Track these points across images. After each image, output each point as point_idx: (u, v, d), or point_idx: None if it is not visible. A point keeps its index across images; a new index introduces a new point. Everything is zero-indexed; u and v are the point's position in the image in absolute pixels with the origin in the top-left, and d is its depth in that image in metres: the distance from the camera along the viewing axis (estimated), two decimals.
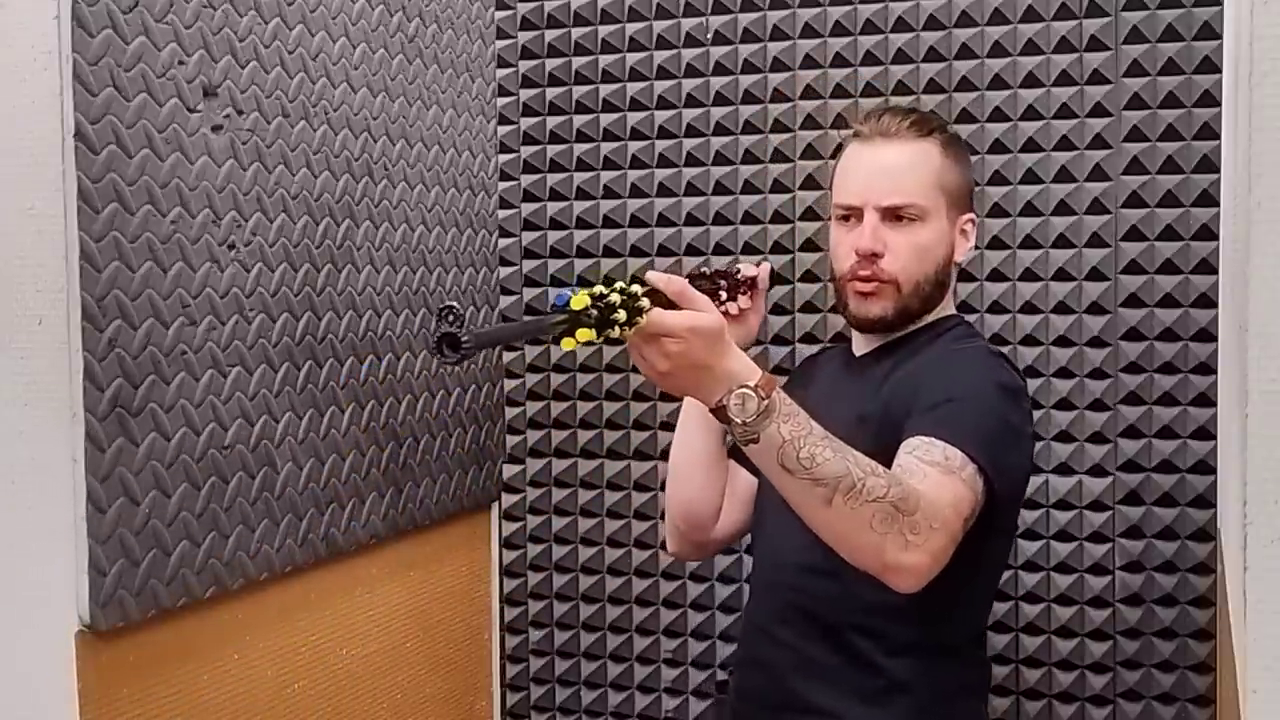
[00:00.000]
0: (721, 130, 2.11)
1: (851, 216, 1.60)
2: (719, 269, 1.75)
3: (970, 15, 1.98)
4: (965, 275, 1.96)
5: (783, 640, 1.59)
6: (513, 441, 2.24)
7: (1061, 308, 1.96)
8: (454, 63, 2.06)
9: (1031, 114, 1.96)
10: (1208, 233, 1.90)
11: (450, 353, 1.13)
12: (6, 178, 1.33)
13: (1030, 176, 1.96)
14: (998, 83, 1.97)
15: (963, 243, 1.63)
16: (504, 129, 2.21)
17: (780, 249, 2.08)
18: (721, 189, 2.11)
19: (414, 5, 1.95)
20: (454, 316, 1.13)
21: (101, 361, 1.35)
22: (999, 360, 1.60)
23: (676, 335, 1.25)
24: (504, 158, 2.21)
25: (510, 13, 2.19)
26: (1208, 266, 1.90)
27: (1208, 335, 1.90)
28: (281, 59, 1.65)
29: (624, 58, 2.14)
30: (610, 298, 1.21)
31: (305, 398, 1.69)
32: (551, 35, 2.18)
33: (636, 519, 2.18)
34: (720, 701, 1.86)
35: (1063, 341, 1.96)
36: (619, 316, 1.21)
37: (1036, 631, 1.99)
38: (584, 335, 1.20)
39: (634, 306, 1.23)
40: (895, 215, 1.57)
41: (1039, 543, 1.98)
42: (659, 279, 1.28)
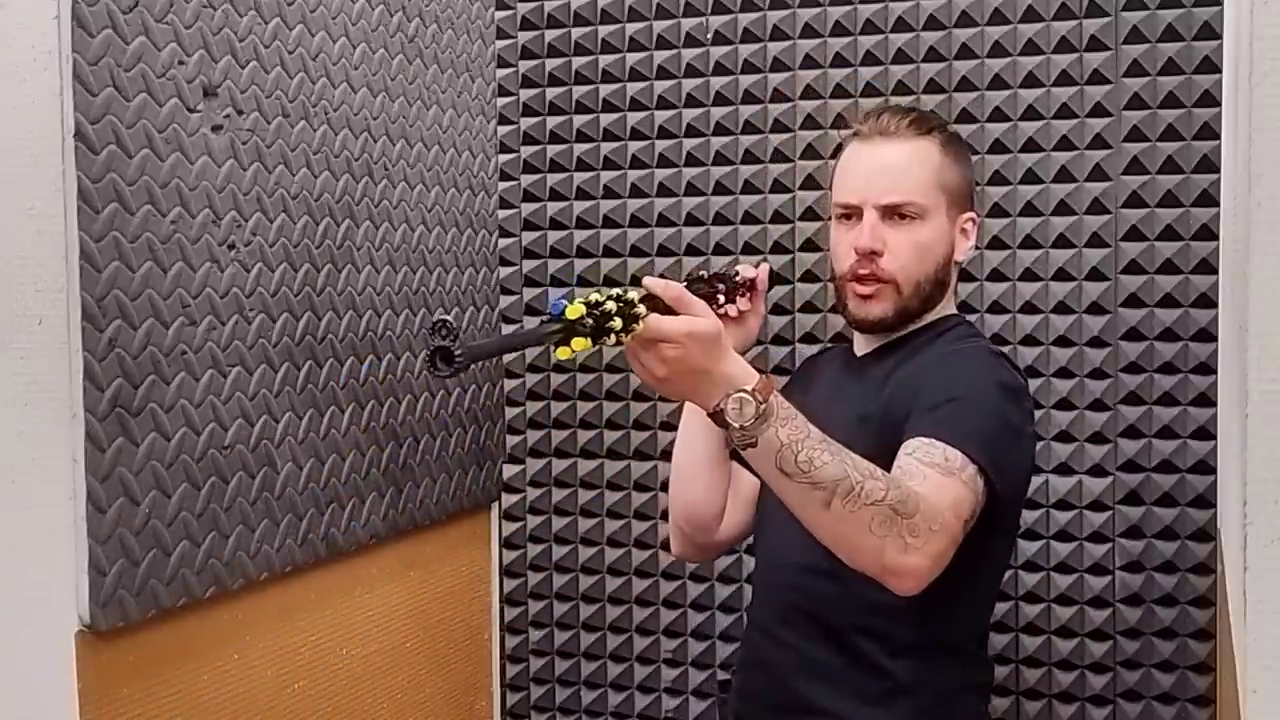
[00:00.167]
0: (721, 130, 2.10)
1: (851, 215, 1.60)
2: (717, 272, 1.74)
3: (970, 15, 1.98)
4: (965, 275, 1.95)
5: (785, 641, 1.59)
6: (513, 441, 2.24)
7: (1061, 308, 1.96)
8: (454, 63, 2.06)
9: (1031, 114, 1.96)
10: (1208, 233, 1.90)
11: (444, 366, 1.13)
12: (6, 178, 1.33)
13: (1030, 176, 1.96)
14: (998, 83, 1.97)
15: (963, 241, 1.63)
16: (504, 129, 2.21)
17: (780, 249, 2.08)
18: (721, 189, 2.11)
19: (414, 5, 1.95)
20: (447, 330, 1.13)
21: (101, 361, 1.35)
22: (999, 359, 1.60)
23: (674, 341, 1.24)
24: (504, 158, 2.21)
25: (510, 13, 2.19)
26: (1208, 266, 1.90)
27: (1208, 335, 1.90)
28: (281, 59, 1.65)
29: (624, 58, 2.14)
30: (606, 305, 1.21)
31: (305, 398, 1.69)
32: (551, 35, 2.18)
33: (636, 519, 2.18)
34: (722, 702, 1.85)
35: (1063, 341, 1.96)
36: (614, 324, 1.21)
37: (1036, 631, 1.99)
38: (579, 344, 1.19)
39: (630, 313, 1.23)
40: (895, 214, 1.57)
41: (1039, 543, 1.98)
42: (656, 284, 1.28)
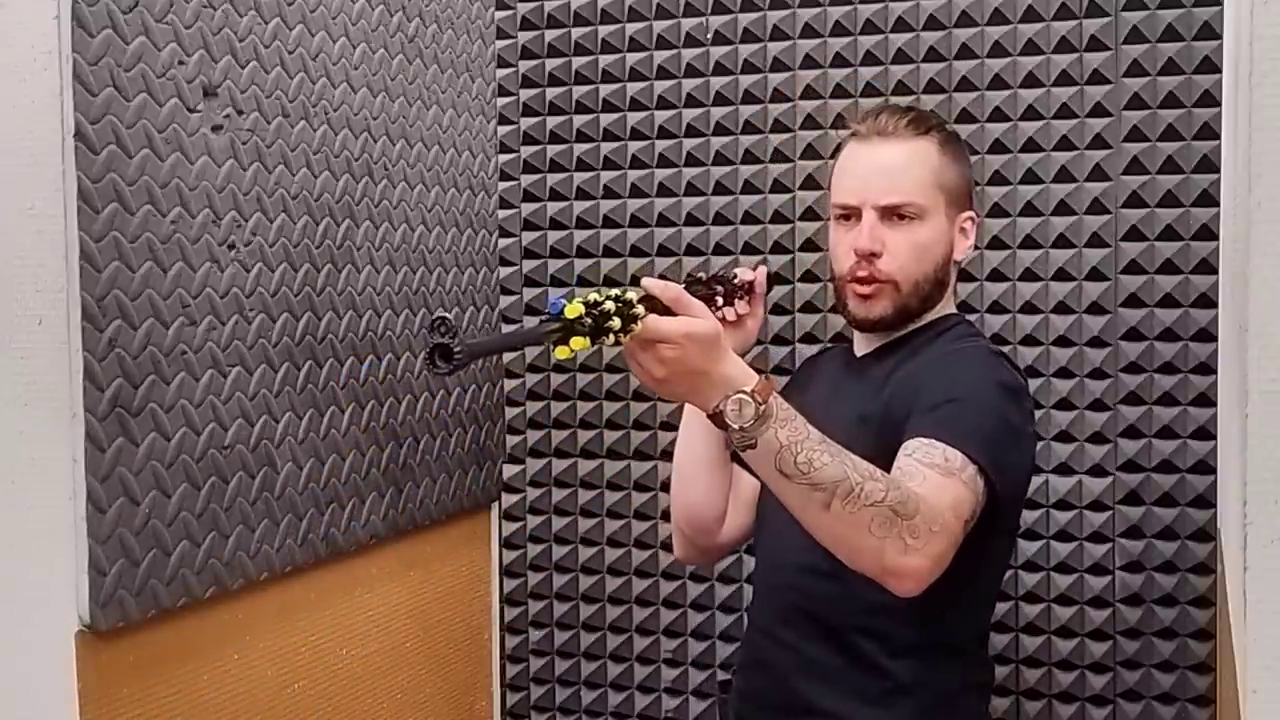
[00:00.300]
0: (721, 130, 2.10)
1: (850, 216, 1.60)
2: (715, 274, 1.74)
3: (970, 15, 1.98)
4: (965, 275, 1.96)
5: (785, 642, 1.59)
6: (513, 441, 2.24)
7: (1061, 308, 1.96)
8: (454, 63, 2.06)
9: (1031, 114, 1.96)
10: (1208, 233, 1.90)
11: (443, 364, 1.13)
12: (6, 178, 1.33)
13: (1030, 176, 1.96)
14: (998, 83, 1.97)
15: (962, 241, 1.63)
16: (504, 129, 2.21)
17: (780, 249, 2.08)
18: (721, 189, 2.11)
19: (414, 5, 1.95)
20: (446, 327, 1.13)
21: (101, 361, 1.35)
22: (999, 359, 1.60)
23: (672, 341, 1.24)
24: (504, 158, 2.21)
25: (510, 13, 2.19)
26: (1208, 266, 1.90)
27: (1208, 335, 1.90)
28: (281, 59, 1.65)
29: (624, 58, 2.14)
30: (604, 305, 1.21)
31: (305, 398, 1.69)
32: (551, 35, 2.18)
33: (636, 519, 2.18)
34: (722, 702, 1.85)
35: (1063, 341, 1.96)
36: (613, 324, 1.21)
37: (1036, 631, 1.99)
38: (578, 344, 1.19)
39: (629, 313, 1.23)
40: (893, 214, 1.57)
41: (1039, 543, 1.98)
42: (654, 285, 1.27)
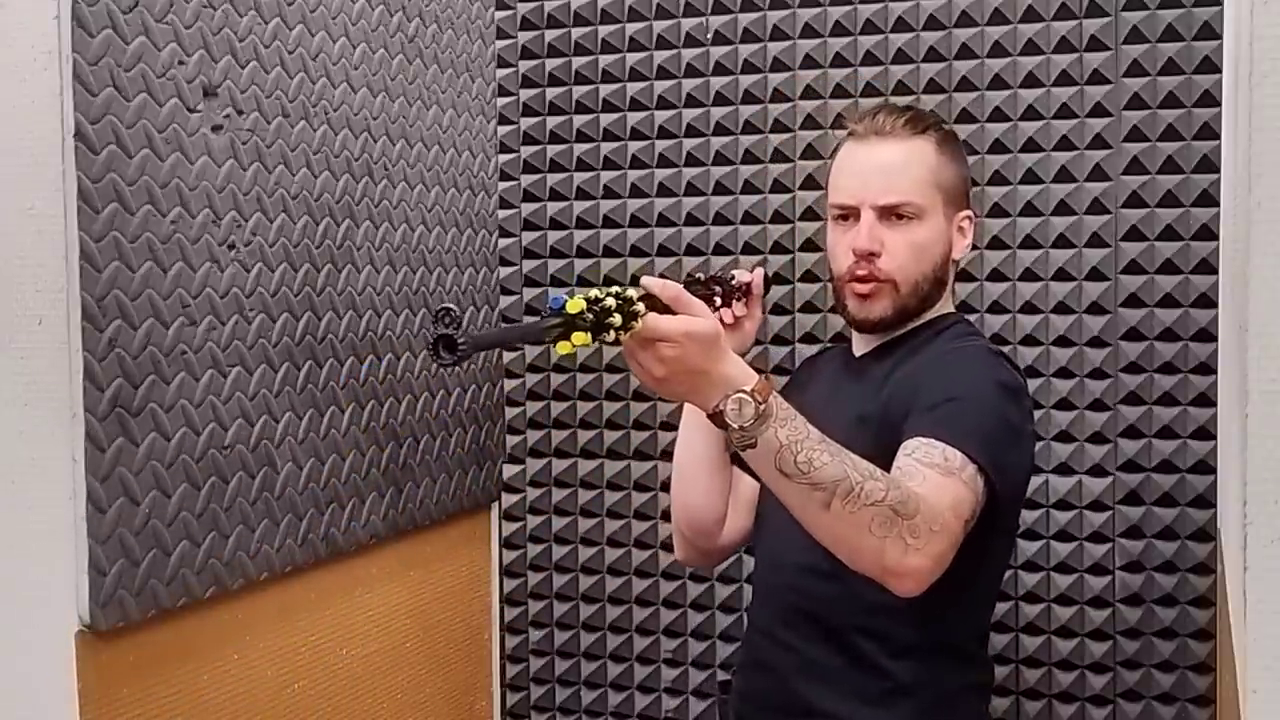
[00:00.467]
0: (721, 130, 2.10)
1: (848, 216, 1.60)
2: (714, 274, 1.74)
3: (970, 15, 1.98)
4: (965, 275, 1.96)
5: (785, 642, 1.59)
6: (513, 441, 2.24)
7: (1061, 308, 1.96)
8: (454, 63, 2.06)
9: (1031, 114, 1.96)
10: (1208, 233, 1.90)
11: (446, 355, 1.13)
12: (6, 178, 1.33)
13: (1030, 176, 1.96)
14: (998, 83, 1.97)
15: (960, 240, 1.63)
16: (504, 129, 2.21)
17: (780, 249, 2.08)
18: (721, 189, 2.11)
19: (414, 5, 1.95)
20: (450, 318, 1.13)
21: (101, 361, 1.35)
22: (998, 359, 1.60)
23: (672, 340, 1.24)
24: (504, 158, 2.21)
25: (510, 13, 2.19)
26: (1208, 266, 1.90)
27: (1208, 335, 1.90)
28: (281, 59, 1.65)
29: (624, 58, 2.14)
30: (605, 302, 1.21)
31: (305, 398, 1.69)
32: (551, 35, 2.18)
33: (636, 519, 2.18)
34: (722, 702, 1.85)
35: (1063, 341, 1.96)
36: (614, 321, 1.21)
37: (1036, 631, 1.99)
38: (579, 339, 1.19)
39: (629, 311, 1.23)
40: (892, 214, 1.57)
41: (1039, 543, 1.98)
42: (654, 284, 1.27)
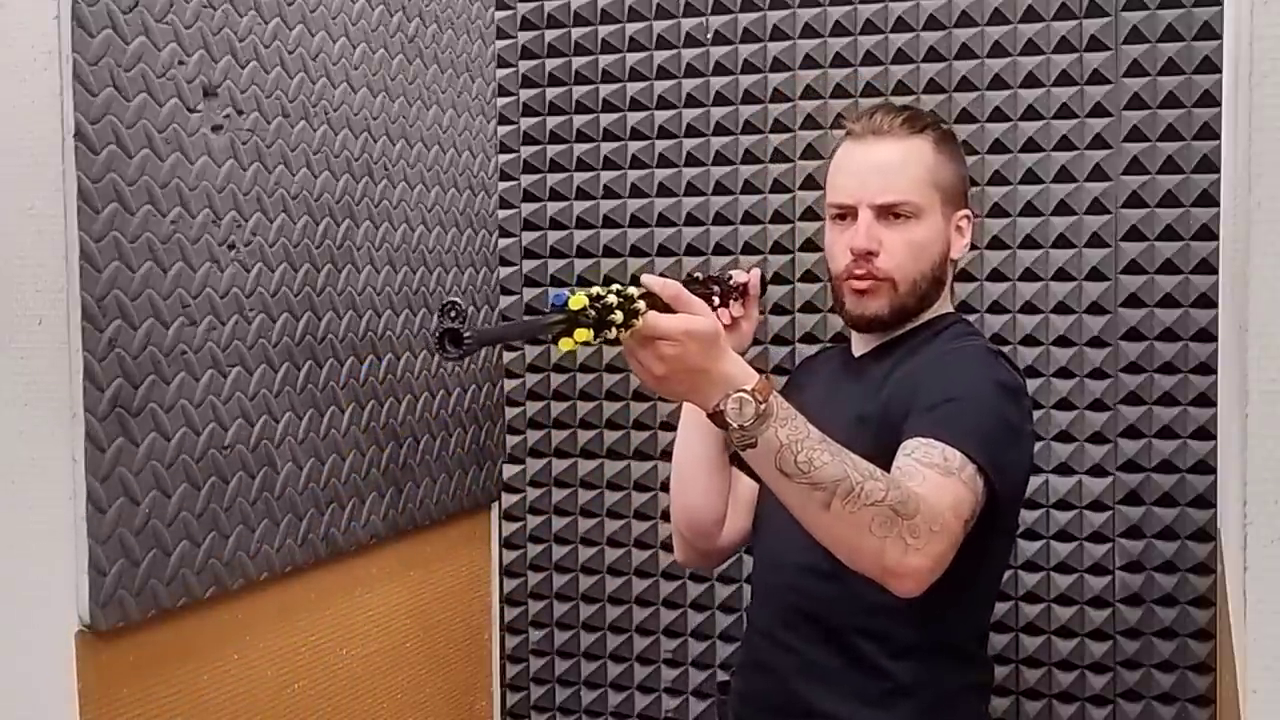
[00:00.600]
0: (721, 130, 2.10)
1: (846, 215, 1.60)
2: (712, 275, 1.75)
3: (970, 15, 1.98)
4: (965, 275, 1.96)
5: (785, 643, 1.59)
6: (513, 441, 2.24)
7: (1061, 308, 1.96)
8: (454, 63, 2.06)
9: (1031, 114, 1.96)
10: (1208, 233, 1.90)
11: (452, 349, 1.12)
12: (6, 178, 1.33)
13: (1030, 176, 1.96)
14: (998, 83, 1.97)
15: (958, 239, 1.63)
16: (504, 129, 2.21)
17: (780, 249, 2.08)
18: (721, 189, 2.11)
19: (414, 5, 1.95)
20: (456, 312, 1.12)
21: (101, 361, 1.35)
22: (997, 358, 1.60)
23: (672, 339, 1.24)
24: (504, 158, 2.21)
25: (510, 13, 2.19)
26: (1208, 266, 1.90)
27: (1208, 335, 1.90)
28: (281, 59, 1.65)
29: (624, 58, 2.14)
30: (607, 299, 1.21)
31: (305, 398, 1.69)
32: (551, 35, 2.18)
33: (636, 519, 2.18)
34: (721, 703, 1.85)
35: (1063, 341, 1.96)
36: (615, 318, 1.21)
37: (1036, 631, 1.99)
38: (581, 336, 1.19)
39: (630, 309, 1.23)
40: (889, 213, 1.57)
41: (1039, 543, 1.98)
42: (654, 282, 1.27)
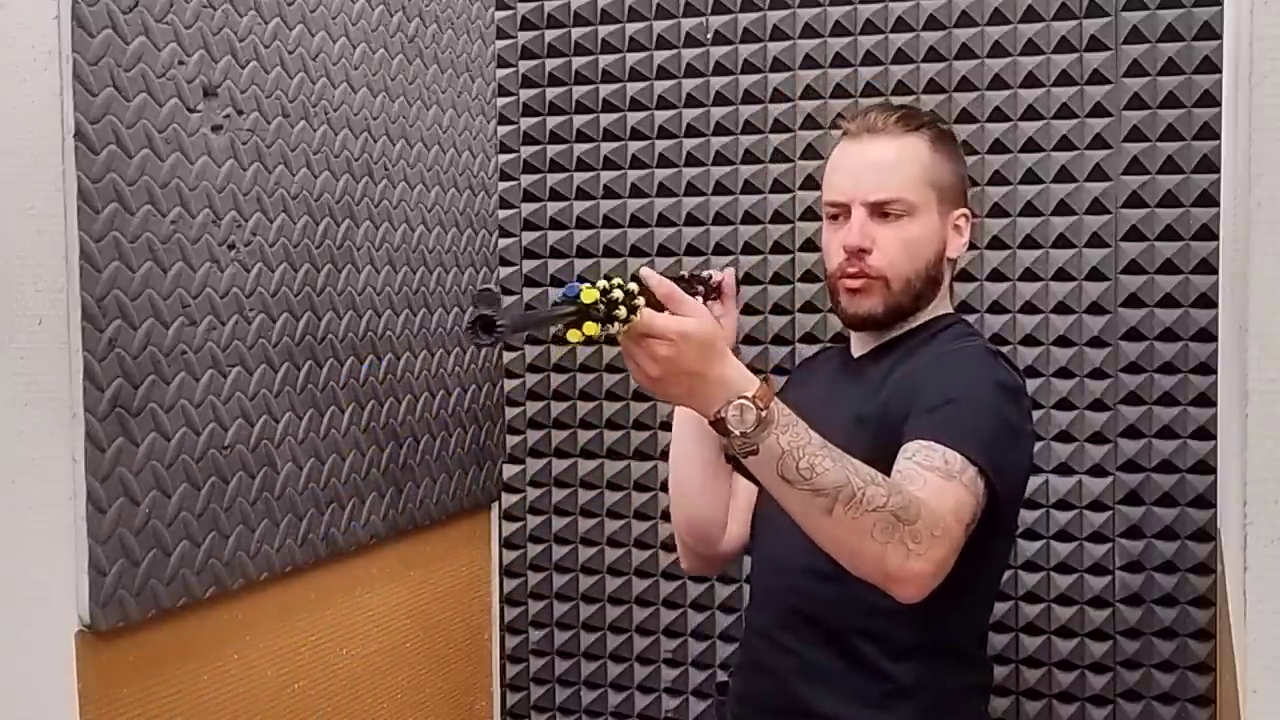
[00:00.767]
0: (721, 130, 2.10)
1: (840, 214, 1.60)
2: (693, 273, 1.74)
3: (970, 15, 1.98)
4: (965, 275, 1.96)
5: (785, 645, 1.59)
6: (513, 441, 2.24)
7: (1061, 308, 1.96)
8: (454, 63, 2.06)
9: (1031, 114, 1.96)
10: (1208, 233, 1.90)
11: (484, 335, 1.12)
12: (6, 178, 1.33)
13: (1030, 176, 1.96)
14: (998, 83, 1.97)
15: (956, 238, 1.62)
16: (504, 129, 2.21)
17: (780, 249, 2.08)
18: (721, 189, 2.11)
19: (414, 5, 1.95)
20: (491, 299, 1.12)
21: (101, 361, 1.35)
22: (997, 359, 1.59)
23: (665, 338, 1.23)
24: (504, 158, 2.21)
25: (510, 13, 2.19)
26: (1208, 266, 1.90)
27: (1208, 335, 1.90)
28: (281, 59, 1.65)
29: (624, 58, 2.14)
30: (613, 294, 1.21)
31: (305, 398, 1.69)
32: (551, 35, 2.18)
33: (636, 519, 2.18)
34: (719, 704, 1.85)
35: (1063, 341, 1.96)
36: (620, 313, 1.21)
37: (1036, 631, 1.99)
38: (590, 329, 1.19)
39: (631, 305, 1.23)
40: (882, 211, 1.57)
41: (1039, 543, 1.98)
42: (651, 278, 1.26)
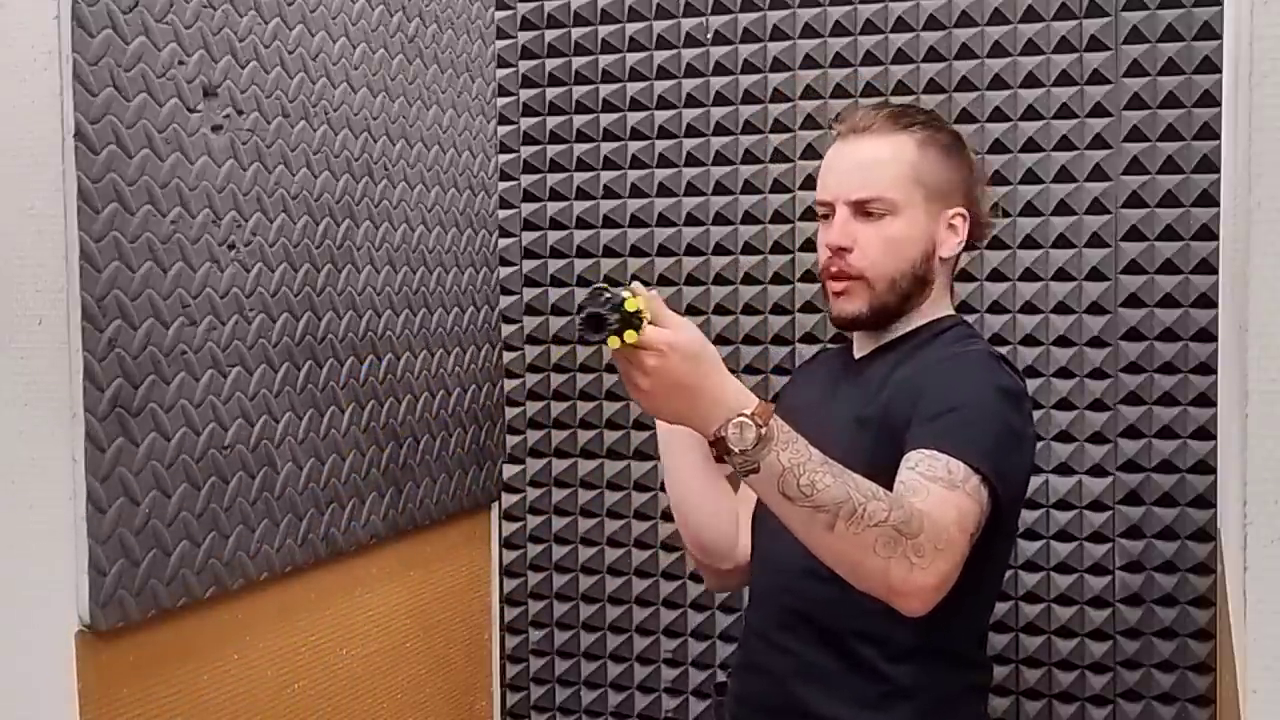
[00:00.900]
0: (721, 130, 2.10)
1: (829, 214, 1.60)
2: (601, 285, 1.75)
3: (970, 15, 1.98)
4: (965, 275, 1.96)
5: (783, 646, 1.58)
6: (513, 441, 2.24)
7: (1061, 308, 1.96)
8: (454, 63, 2.06)
9: (1031, 114, 1.96)
10: (1208, 233, 1.90)
11: (594, 335, 1.12)
12: (6, 178, 1.32)
13: (1030, 176, 1.96)
14: (998, 83, 1.97)
15: (950, 237, 1.60)
16: (504, 129, 2.21)
17: (780, 249, 2.08)
18: (721, 189, 2.11)
19: (414, 5, 1.95)
20: (606, 298, 1.12)
21: (101, 361, 1.35)
22: (998, 363, 1.59)
23: (653, 348, 1.23)
24: (504, 158, 2.21)
25: (510, 13, 2.19)
26: (1208, 266, 1.90)
27: (1208, 335, 1.90)
28: (281, 59, 1.65)
29: (624, 58, 2.14)
30: (627, 302, 1.23)
31: (305, 398, 1.69)
32: (551, 35, 2.18)
33: (636, 519, 2.18)
34: (718, 704, 1.85)
35: (1063, 341, 1.96)
36: (642, 319, 1.23)
37: (1036, 631, 1.99)
38: (630, 338, 1.21)
39: (640, 316, 1.24)
40: (865, 210, 1.57)
41: (1039, 543, 1.98)
42: (640, 290, 1.26)
